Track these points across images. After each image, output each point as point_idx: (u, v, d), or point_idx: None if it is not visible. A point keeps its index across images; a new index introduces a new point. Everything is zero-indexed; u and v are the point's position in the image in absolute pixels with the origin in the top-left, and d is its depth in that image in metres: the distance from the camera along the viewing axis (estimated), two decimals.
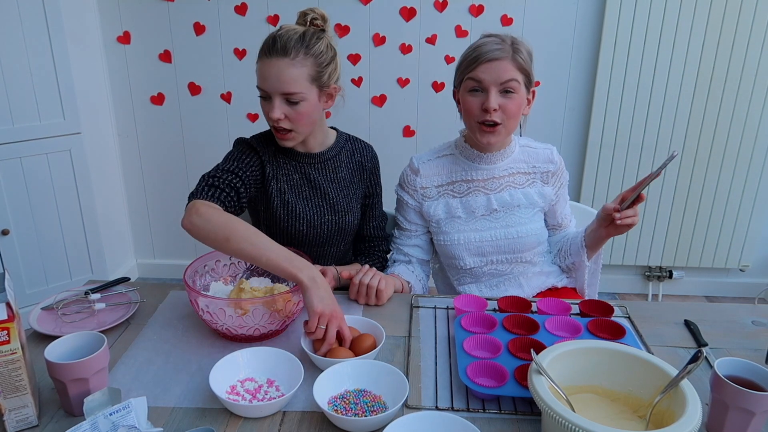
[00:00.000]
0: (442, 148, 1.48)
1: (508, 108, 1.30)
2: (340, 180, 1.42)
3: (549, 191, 1.46)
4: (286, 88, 1.23)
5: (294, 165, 1.39)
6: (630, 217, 1.28)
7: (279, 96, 1.24)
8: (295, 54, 1.22)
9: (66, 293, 1.27)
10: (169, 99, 2.74)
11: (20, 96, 2.24)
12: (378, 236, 1.52)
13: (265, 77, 1.24)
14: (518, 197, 1.42)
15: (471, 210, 1.42)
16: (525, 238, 1.41)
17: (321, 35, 1.27)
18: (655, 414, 0.85)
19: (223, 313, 1.06)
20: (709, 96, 2.51)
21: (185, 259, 2.95)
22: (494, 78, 1.28)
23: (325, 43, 1.27)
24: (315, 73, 1.25)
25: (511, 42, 1.30)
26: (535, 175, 1.45)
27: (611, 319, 1.13)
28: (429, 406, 0.95)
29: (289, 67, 1.22)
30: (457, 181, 1.43)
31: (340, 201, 1.41)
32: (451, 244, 1.42)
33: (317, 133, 1.39)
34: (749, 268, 2.79)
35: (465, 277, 1.48)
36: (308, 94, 1.25)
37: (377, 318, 1.17)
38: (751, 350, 1.11)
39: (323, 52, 1.26)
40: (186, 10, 2.58)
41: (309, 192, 1.40)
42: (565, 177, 1.50)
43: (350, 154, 1.45)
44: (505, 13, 2.51)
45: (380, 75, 2.65)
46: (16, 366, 0.87)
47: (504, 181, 1.43)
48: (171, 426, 0.90)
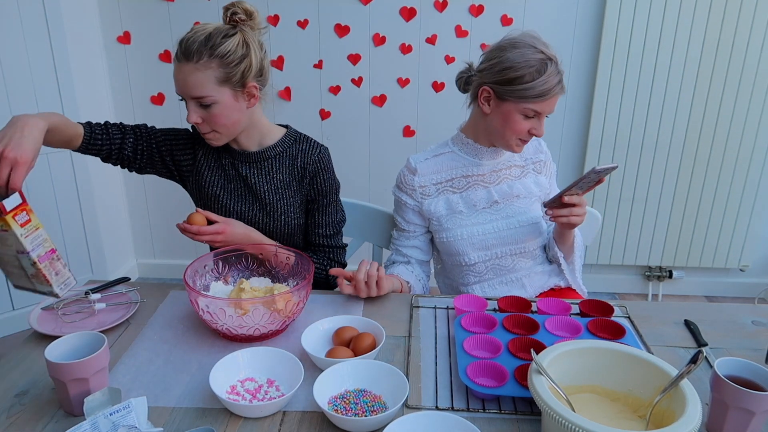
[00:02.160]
0: (438, 147, 1.48)
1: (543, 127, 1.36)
2: (277, 182, 1.38)
3: (543, 180, 1.49)
4: (194, 92, 1.23)
5: (230, 162, 1.39)
6: (564, 216, 1.28)
7: (191, 100, 1.24)
8: (198, 57, 1.20)
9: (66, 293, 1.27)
10: (169, 99, 2.74)
11: (20, 96, 2.24)
12: (324, 245, 1.44)
13: (176, 82, 1.25)
14: (517, 187, 1.44)
15: (472, 204, 1.42)
16: (527, 227, 1.43)
17: (232, 32, 1.24)
18: (655, 414, 0.85)
19: (223, 313, 1.06)
20: (709, 96, 2.51)
21: (185, 259, 2.95)
22: (549, 110, 1.33)
23: (236, 42, 1.23)
24: (222, 74, 1.22)
25: (561, 69, 1.32)
26: (527, 166, 1.49)
27: (611, 319, 1.13)
28: (429, 406, 0.95)
29: (193, 71, 1.21)
30: (456, 177, 1.44)
31: (275, 203, 1.38)
32: (454, 240, 1.42)
33: (251, 132, 1.36)
34: (749, 268, 2.79)
35: (469, 275, 1.47)
36: (219, 96, 1.23)
37: (377, 318, 1.17)
38: (751, 350, 1.11)
39: (231, 51, 1.22)
40: (186, 10, 2.58)
41: (243, 190, 1.39)
42: (554, 167, 1.55)
43: (293, 155, 1.38)
44: (505, 13, 2.51)
45: (380, 75, 2.65)
46: (44, 239, 0.99)
47: (502, 173, 1.45)
48: (171, 426, 0.90)
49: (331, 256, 1.46)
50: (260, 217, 1.39)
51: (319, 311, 1.23)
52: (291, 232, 1.41)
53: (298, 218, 1.41)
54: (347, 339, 1.09)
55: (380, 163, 2.77)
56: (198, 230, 1.24)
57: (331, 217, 1.44)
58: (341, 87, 2.67)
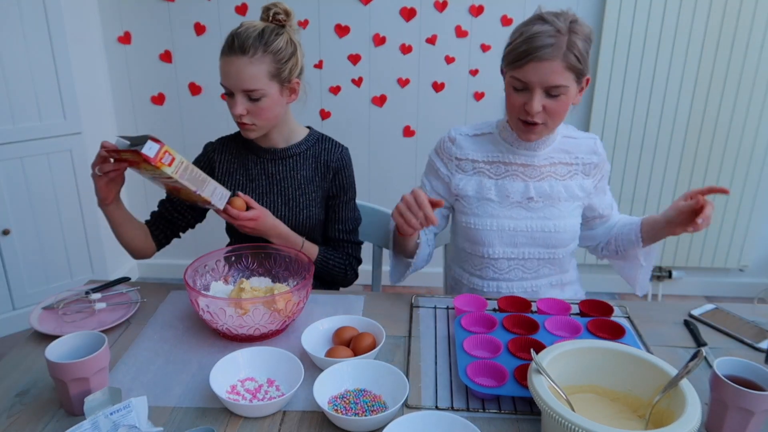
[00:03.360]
0: (482, 125, 1.38)
1: (553, 109, 1.20)
2: (300, 177, 1.42)
3: (588, 184, 1.37)
4: (246, 85, 1.27)
5: (254, 159, 1.43)
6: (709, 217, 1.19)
7: (240, 93, 1.28)
8: (254, 52, 1.25)
9: (66, 293, 1.27)
10: (169, 99, 2.74)
11: (21, 96, 2.24)
12: (344, 239, 1.47)
13: (226, 75, 1.29)
14: (559, 189, 1.33)
15: (505, 194, 1.33)
16: (562, 233, 1.33)
17: (280, 31, 1.30)
18: (654, 414, 0.85)
19: (224, 312, 1.06)
20: (709, 96, 2.51)
21: (185, 259, 2.94)
22: (541, 80, 1.17)
23: (285, 39, 1.29)
24: (274, 69, 1.28)
25: (568, 30, 1.16)
26: (577, 166, 1.35)
27: (611, 319, 1.13)
28: (429, 405, 0.95)
29: (247, 65, 1.26)
30: (495, 162, 1.34)
31: (297, 197, 1.42)
32: (483, 228, 1.34)
33: (282, 128, 1.41)
34: (749, 268, 2.80)
35: (488, 269, 1.38)
36: (268, 90, 1.29)
37: (377, 318, 1.17)
38: (751, 350, 1.11)
39: (282, 48, 1.29)
40: (186, 10, 2.58)
41: (266, 186, 1.42)
42: (607, 168, 1.41)
43: (316, 153, 1.43)
44: (505, 13, 2.51)
45: (380, 75, 2.65)
46: (190, 168, 1.14)
47: (545, 170, 1.34)
48: (171, 426, 0.90)
49: (350, 251, 1.49)
50: (284, 212, 1.42)
51: (319, 311, 1.23)
52: (312, 226, 1.44)
53: (318, 214, 1.44)
54: (347, 339, 1.09)
55: (380, 163, 2.77)
56: (237, 215, 1.27)
57: (350, 213, 1.48)
58: (341, 87, 2.67)
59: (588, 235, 1.48)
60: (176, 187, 1.19)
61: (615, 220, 1.47)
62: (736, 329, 1.17)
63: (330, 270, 1.45)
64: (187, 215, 1.47)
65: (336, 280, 1.49)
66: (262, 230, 1.31)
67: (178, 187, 1.18)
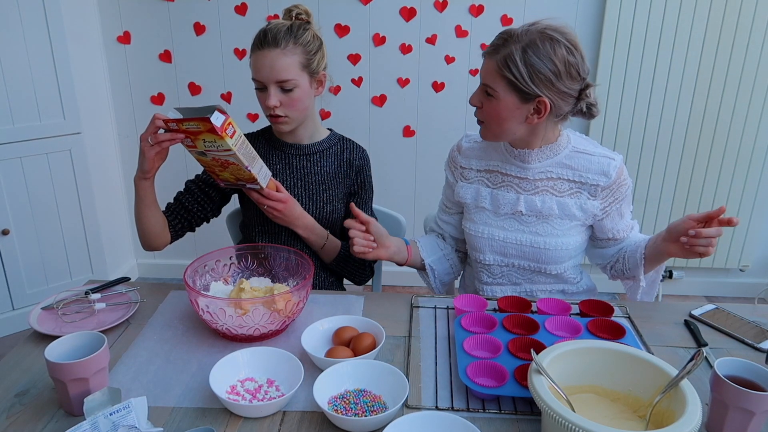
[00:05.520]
0: None
1: (485, 111, 1.23)
2: (324, 173, 1.47)
3: (595, 206, 1.29)
4: (280, 76, 1.32)
5: (279, 155, 1.47)
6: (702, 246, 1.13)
7: (274, 84, 1.33)
8: (285, 44, 1.31)
9: (66, 293, 1.27)
10: (169, 99, 2.74)
11: (20, 96, 2.24)
12: None
13: (259, 68, 1.33)
14: (550, 206, 1.29)
15: (497, 204, 1.34)
16: (553, 251, 1.30)
17: (307, 26, 1.37)
18: (655, 414, 0.85)
19: (223, 313, 1.06)
20: (709, 96, 2.51)
21: (185, 259, 2.95)
22: None
23: (312, 33, 1.37)
24: (305, 60, 1.34)
25: (515, 42, 1.17)
26: (582, 185, 1.29)
27: (611, 319, 1.13)
28: (429, 406, 0.95)
29: (280, 56, 1.31)
30: (494, 171, 1.35)
31: (322, 192, 1.46)
32: (475, 234, 1.37)
33: (308, 124, 1.45)
34: (749, 268, 2.79)
35: (483, 273, 1.41)
36: (300, 81, 1.34)
37: (377, 318, 1.17)
38: (751, 350, 1.11)
39: (310, 41, 1.35)
40: (186, 10, 2.58)
41: (290, 181, 1.46)
42: (623, 191, 1.30)
43: (339, 151, 1.49)
44: (505, 13, 2.51)
45: (380, 75, 2.65)
46: (246, 144, 1.19)
47: (541, 184, 1.30)
48: (171, 426, 0.90)
49: None
50: (308, 206, 1.45)
51: (319, 311, 1.23)
52: (335, 220, 1.48)
53: (341, 209, 1.49)
54: (347, 339, 1.09)
55: (380, 163, 2.76)
56: (268, 194, 1.33)
57: (369, 211, 1.54)
58: (341, 87, 2.66)
59: (598, 254, 1.44)
60: (225, 163, 1.20)
61: (629, 242, 1.39)
62: (737, 329, 1.17)
63: (350, 266, 1.49)
64: (206, 207, 1.49)
65: (353, 276, 1.53)
66: (290, 217, 1.37)
67: (226, 163, 1.19)
